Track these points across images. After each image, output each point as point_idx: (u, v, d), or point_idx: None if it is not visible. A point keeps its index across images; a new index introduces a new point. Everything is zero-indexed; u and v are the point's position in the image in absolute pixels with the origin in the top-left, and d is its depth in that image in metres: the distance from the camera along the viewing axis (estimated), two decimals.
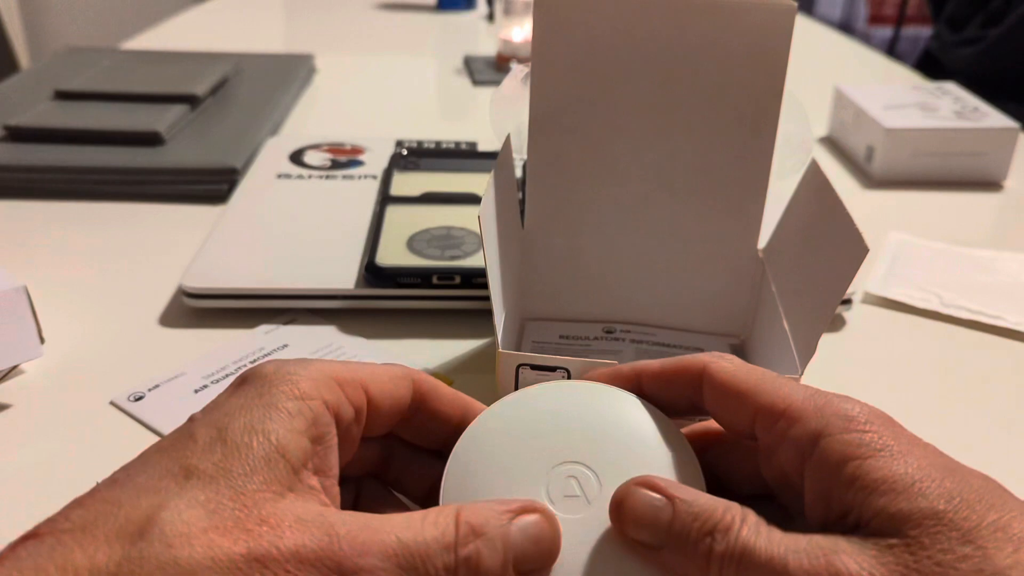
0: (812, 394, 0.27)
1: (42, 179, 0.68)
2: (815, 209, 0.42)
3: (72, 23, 2.12)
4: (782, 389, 0.27)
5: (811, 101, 0.49)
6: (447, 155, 0.73)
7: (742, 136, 0.45)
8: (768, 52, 0.42)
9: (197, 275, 0.52)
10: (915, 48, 2.45)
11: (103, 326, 0.51)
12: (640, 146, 0.45)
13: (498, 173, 0.41)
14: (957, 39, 1.44)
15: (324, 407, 0.27)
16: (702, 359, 0.30)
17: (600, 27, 0.43)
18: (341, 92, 0.99)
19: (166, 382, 0.46)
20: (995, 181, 0.76)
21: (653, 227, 0.47)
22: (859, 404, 0.26)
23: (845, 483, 0.24)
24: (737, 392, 0.28)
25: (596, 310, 0.49)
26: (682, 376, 0.30)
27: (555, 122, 0.45)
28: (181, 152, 0.71)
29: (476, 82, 1.02)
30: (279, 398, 0.26)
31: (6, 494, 0.38)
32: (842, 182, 0.75)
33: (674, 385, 0.30)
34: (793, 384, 0.28)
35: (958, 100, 0.80)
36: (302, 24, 1.34)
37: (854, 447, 0.25)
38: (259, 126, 0.78)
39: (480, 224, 0.36)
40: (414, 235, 0.56)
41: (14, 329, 0.43)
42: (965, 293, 0.56)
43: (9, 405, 0.44)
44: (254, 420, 0.25)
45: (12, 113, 0.74)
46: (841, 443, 0.25)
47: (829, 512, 0.25)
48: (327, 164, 0.70)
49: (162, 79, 0.84)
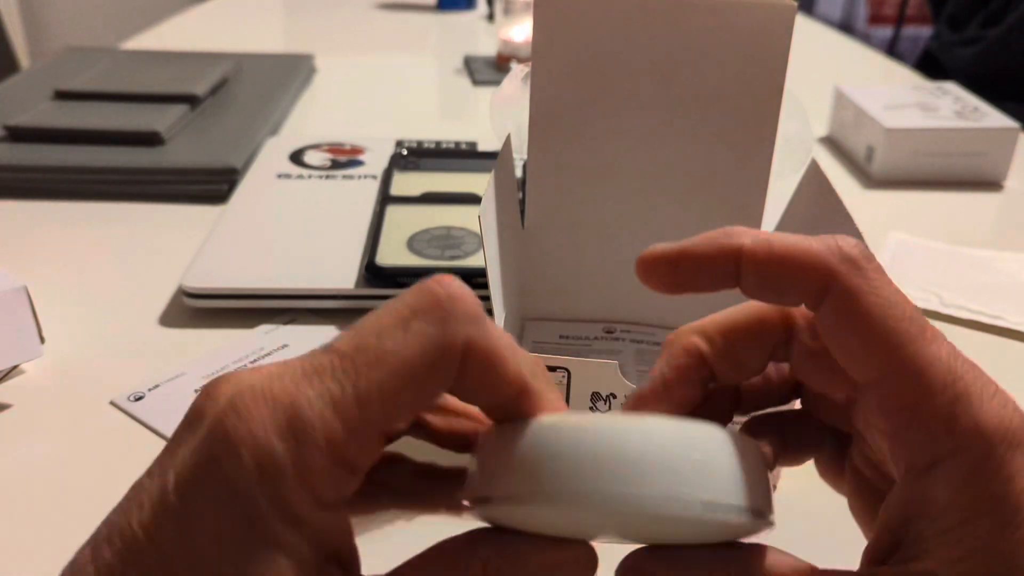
0: (970, 383, 0.21)
1: (42, 179, 0.68)
2: (815, 209, 0.42)
3: (72, 23, 2.12)
4: (927, 350, 0.21)
5: (811, 101, 0.49)
6: (447, 155, 0.73)
7: (742, 136, 0.45)
8: (768, 52, 0.42)
9: (197, 275, 0.52)
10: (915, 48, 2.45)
11: (103, 326, 0.51)
12: (640, 146, 0.45)
13: (498, 173, 0.41)
14: (957, 39, 1.44)
15: (329, 548, 0.20)
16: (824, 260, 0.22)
17: (600, 27, 0.43)
18: (341, 92, 0.99)
19: (166, 382, 0.46)
20: (995, 181, 0.76)
21: (653, 227, 0.47)
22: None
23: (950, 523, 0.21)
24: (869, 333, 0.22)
25: (596, 310, 0.49)
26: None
27: (555, 122, 0.45)
28: (181, 152, 0.71)
29: (476, 82, 1.02)
30: (259, 528, 0.18)
31: (6, 494, 0.38)
32: (842, 182, 0.75)
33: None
34: (940, 347, 0.22)
35: (958, 100, 0.80)
36: (302, 24, 1.34)
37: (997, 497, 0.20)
38: (259, 126, 0.78)
39: (480, 224, 0.36)
40: (414, 235, 0.56)
41: (14, 329, 0.43)
42: (965, 293, 0.56)
43: (9, 405, 0.44)
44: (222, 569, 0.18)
45: (12, 113, 0.74)
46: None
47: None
48: (327, 164, 0.70)
49: (162, 79, 0.84)
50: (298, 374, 0.19)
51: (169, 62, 0.92)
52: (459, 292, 0.20)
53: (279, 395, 0.19)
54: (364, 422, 0.19)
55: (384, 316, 0.20)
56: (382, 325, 0.20)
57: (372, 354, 0.19)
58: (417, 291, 0.20)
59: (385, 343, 0.19)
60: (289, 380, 0.19)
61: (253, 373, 0.20)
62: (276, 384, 0.19)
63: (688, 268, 0.24)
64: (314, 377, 0.19)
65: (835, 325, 0.22)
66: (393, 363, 0.19)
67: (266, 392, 0.19)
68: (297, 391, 0.19)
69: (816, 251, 0.22)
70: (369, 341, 0.19)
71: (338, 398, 0.19)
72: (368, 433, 0.19)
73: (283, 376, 0.19)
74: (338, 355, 0.19)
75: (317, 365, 0.19)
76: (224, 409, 0.19)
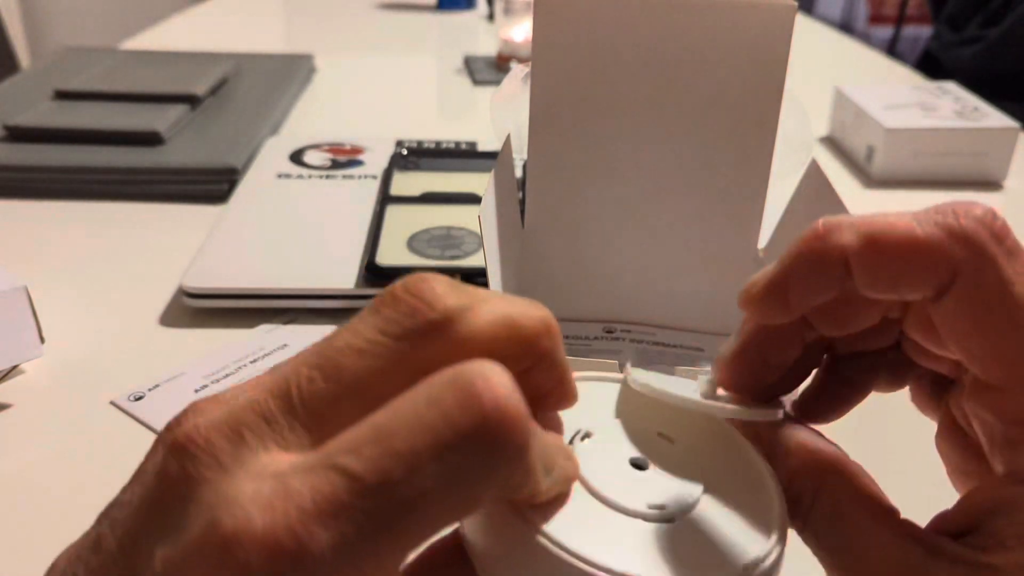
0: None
1: (42, 179, 0.68)
2: (815, 209, 0.42)
3: (72, 23, 2.12)
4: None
5: (811, 101, 0.49)
6: (447, 155, 0.73)
7: (742, 136, 0.45)
8: (768, 52, 0.42)
9: (197, 275, 0.52)
10: (915, 48, 2.45)
11: (103, 326, 0.51)
12: (640, 146, 0.45)
13: (498, 173, 0.41)
14: (957, 39, 1.44)
15: None
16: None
17: (600, 27, 0.43)
18: (341, 92, 0.99)
19: (166, 382, 0.46)
20: (995, 181, 0.76)
21: (653, 227, 0.47)
22: None
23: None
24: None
25: (596, 310, 0.49)
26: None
27: (555, 122, 0.45)
28: (181, 152, 0.71)
29: (476, 82, 1.02)
30: None
31: (6, 494, 0.38)
32: (842, 182, 0.75)
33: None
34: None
35: (958, 100, 0.80)
36: (302, 24, 1.34)
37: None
38: (259, 126, 0.78)
39: (480, 224, 0.36)
40: (414, 235, 0.56)
41: (14, 329, 0.43)
42: None
43: (9, 405, 0.44)
44: None
45: (12, 113, 0.74)
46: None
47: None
48: (327, 164, 0.70)
49: (162, 79, 0.84)
50: (307, 500, 0.15)
51: (169, 62, 0.92)
52: (510, 405, 0.16)
53: (282, 536, 0.15)
54: (379, 570, 0.15)
55: (417, 428, 0.15)
56: (415, 448, 0.15)
57: (400, 494, 0.15)
58: (460, 393, 0.16)
59: (419, 481, 0.15)
60: (294, 509, 0.15)
61: (240, 469, 0.16)
62: (279, 514, 0.15)
63: (798, 290, 0.21)
64: (327, 513, 0.15)
65: (957, 324, 0.20)
66: (425, 510, 0.15)
67: (266, 525, 0.15)
68: (306, 532, 0.15)
69: (933, 240, 0.19)
70: (396, 471, 0.15)
71: (356, 547, 0.15)
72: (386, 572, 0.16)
73: (288, 493, 0.15)
74: (358, 484, 0.15)
75: (330, 494, 0.15)
76: (211, 531, 0.15)
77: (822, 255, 0.21)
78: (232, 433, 0.17)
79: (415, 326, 0.17)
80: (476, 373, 0.16)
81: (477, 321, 0.18)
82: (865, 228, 0.20)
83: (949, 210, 0.20)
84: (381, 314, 0.18)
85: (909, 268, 0.20)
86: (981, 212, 0.20)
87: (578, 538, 0.19)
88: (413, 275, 0.18)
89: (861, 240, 0.20)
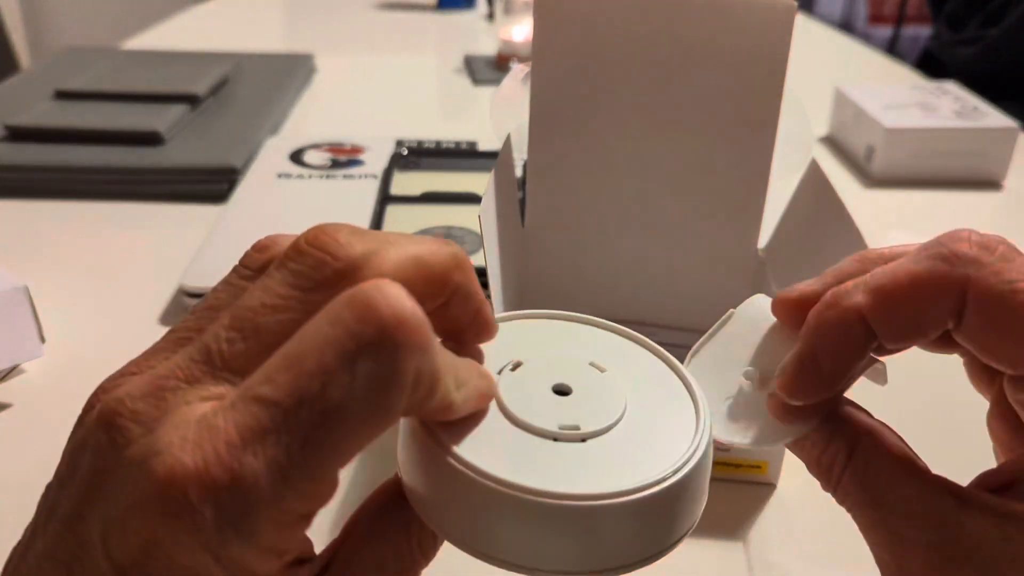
0: None
1: (42, 179, 0.68)
2: (815, 209, 0.42)
3: (72, 23, 2.12)
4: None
5: (811, 101, 0.49)
6: (447, 155, 0.73)
7: (742, 136, 0.45)
8: (768, 52, 0.42)
9: (197, 275, 0.52)
10: (915, 48, 2.45)
11: (103, 326, 0.51)
12: (640, 146, 0.45)
13: (498, 173, 0.41)
14: (957, 39, 1.44)
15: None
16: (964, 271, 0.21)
17: (600, 27, 0.43)
18: (341, 92, 0.99)
19: None
20: (995, 181, 0.76)
21: (653, 227, 0.47)
22: None
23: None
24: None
25: (596, 310, 0.49)
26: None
27: (555, 122, 0.45)
28: (181, 152, 0.71)
29: (476, 82, 1.02)
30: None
31: (6, 494, 0.38)
32: (842, 182, 0.75)
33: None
34: None
35: (958, 100, 0.80)
36: (302, 24, 1.34)
37: None
38: (259, 126, 0.78)
39: (480, 224, 0.36)
40: (414, 235, 0.56)
41: (14, 329, 0.43)
42: None
43: (9, 405, 0.44)
44: None
45: (12, 113, 0.74)
46: None
47: None
48: (327, 164, 0.70)
49: (162, 79, 0.84)
50: (232, 434, 0.16)
51: (169, 62, 0.92)
52: (405, 310, 0.17)
53: (214, 470, 0.16)
54: (315, 484, 0.17)
55: (323, 346, 0.16)
56: (323, 364, 0.16)
57: (317, 410, 0.16)
58: (359, 308, 0.16)
59: (331, 393, 0.16)
60: (221, 444, 0.16)
61: (168, 415, 0.17)
62: (208, 451, 0.16)
63: (828, 362, 0.22)
64: (253, 441, 0.16)
65: (980, 338, 0.22)
66: (343, 421, 0.16)
67: (197, 463, 0.16)
68: (236, 462, 0.16)
69: (934, 272, 0.21)
70: (310, 388, 0.16)
71: (286, 468, 0.16)
72: (318, 492, 0.17)
73: (213, 431, 0.16)
74: (277, 409, 0.16)
75: (253, 423, 0.16)
76: (147, 482, 0.16)
77: (840, 320, 0.22)
78: (154, 399, 0.18)
79: (323, 277, 0.18)
80: (370, 287, 0.17)
81: (383, 264, 0.18)
82: (872, 284, 0.22)
83: (935, 242, 0.22)
84: (289, 268, 0.19)
85: (924, 305, 0.21)
86: (965, 234, 0.22)
87: (486, 457, 0.20)
88: (315, 226, 0.19)
89: (871, 295, 0.21)
